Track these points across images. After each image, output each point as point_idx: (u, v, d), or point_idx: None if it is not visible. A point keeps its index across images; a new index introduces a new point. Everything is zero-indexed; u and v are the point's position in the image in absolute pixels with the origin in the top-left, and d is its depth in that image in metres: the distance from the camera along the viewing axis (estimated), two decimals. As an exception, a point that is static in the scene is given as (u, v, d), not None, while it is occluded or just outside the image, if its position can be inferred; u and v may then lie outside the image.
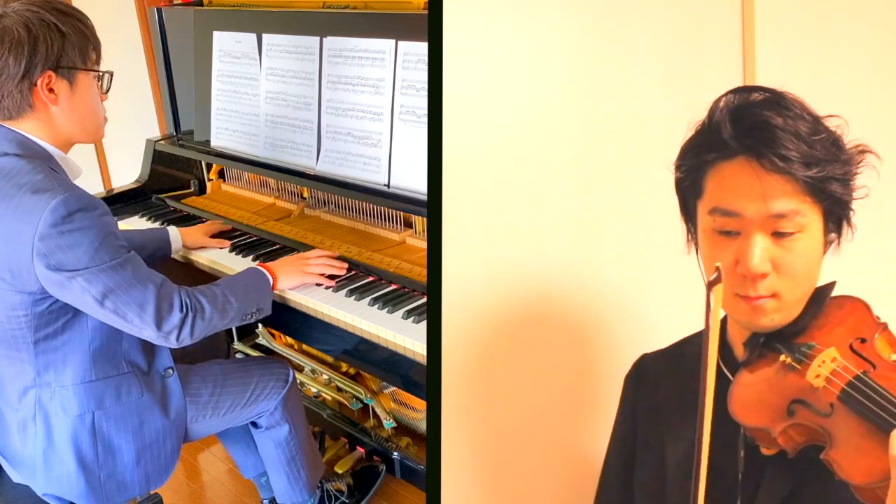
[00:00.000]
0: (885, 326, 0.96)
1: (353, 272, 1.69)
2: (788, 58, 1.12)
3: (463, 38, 1.12)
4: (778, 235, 0.95)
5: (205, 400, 1.58)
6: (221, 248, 1.86)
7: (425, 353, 1.35)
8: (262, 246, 1.85)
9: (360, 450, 2.13)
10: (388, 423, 2.09)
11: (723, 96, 0.98)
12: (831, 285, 0.99)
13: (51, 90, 1.29)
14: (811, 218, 0.96)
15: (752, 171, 0.95)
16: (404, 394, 2.07)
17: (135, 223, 2.09)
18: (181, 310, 1.35)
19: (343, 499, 1.98)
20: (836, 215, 0.97)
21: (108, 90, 1.41)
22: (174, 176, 2.28)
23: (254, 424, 1.73)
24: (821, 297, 0.99)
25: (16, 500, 1.52)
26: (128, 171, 2.42)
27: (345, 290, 1.62)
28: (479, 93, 1.15)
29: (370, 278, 1.67)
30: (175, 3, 2.41)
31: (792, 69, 1.11)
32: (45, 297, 1.30)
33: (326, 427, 2.22)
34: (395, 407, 2.12)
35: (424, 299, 1.55)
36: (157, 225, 2.06)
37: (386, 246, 1.78)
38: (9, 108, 1.28)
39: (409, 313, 1.51)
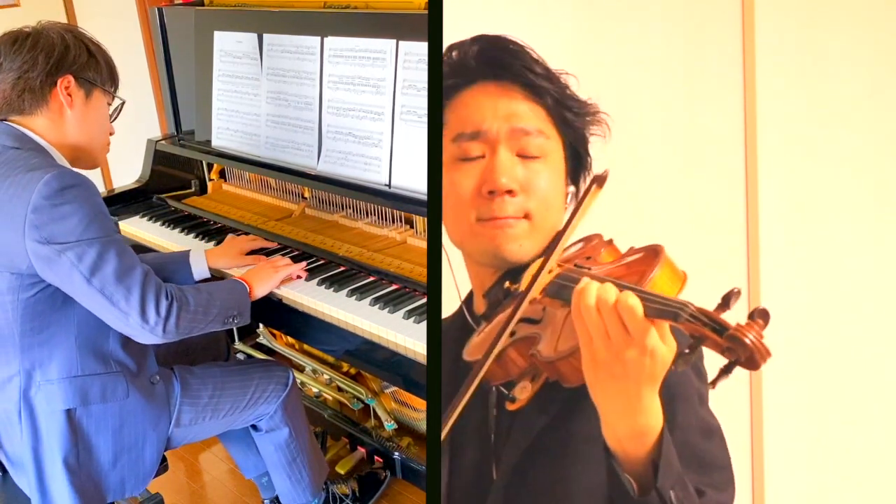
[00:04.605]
0: (610, 241, 0.97)
1: (355, 272, 1.69)
2: (788, 56, 1.12)
3: (463, 38, 1.12)
4: (524, 157, 0.95)
5: (204, 402, 1.58)
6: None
7: (426, 354, 1.35)
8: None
9: (361, 450, 2.13)
10: (390, 425, 2.09)
11: (454, 46, 1.00)
12: (567, 224, 0.98)
13: (68, 94, 1.36)
14: (554, 144, 0.97)
15: (494, 90, 0.96)
16: (405, 394, 2.07)
17: (136, 223, 2.09)
18: (166, 297, 1.33)
19: (347, 502, 1.99)
20: (574, 151, 0.98)
21: (115, 119, 1.49)
22: (175, 176, 2.28)
23: (254, 427, 1.73)
24: (556, 238, 0.97)
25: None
26: (129, 171, 2.42)
27: (346, 290, 1.62)
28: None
29: (371, 278, 1.66)
30: (176, 2, 2.42)
31: (792, 68, 1.11)
32: (33, 283, 1.31)
33: (327, 427, 2.22)
34: (395, 407, 2.12)
35: (425, 299, 1.54)
36: (157, 225, 2.07)
37: (387, 246, 1.78)
38: (26, 102, 1.35)
39: (409, 313, 1.51)
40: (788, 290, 1.12)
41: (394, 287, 1.62)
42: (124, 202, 2.21)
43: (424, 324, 1.46)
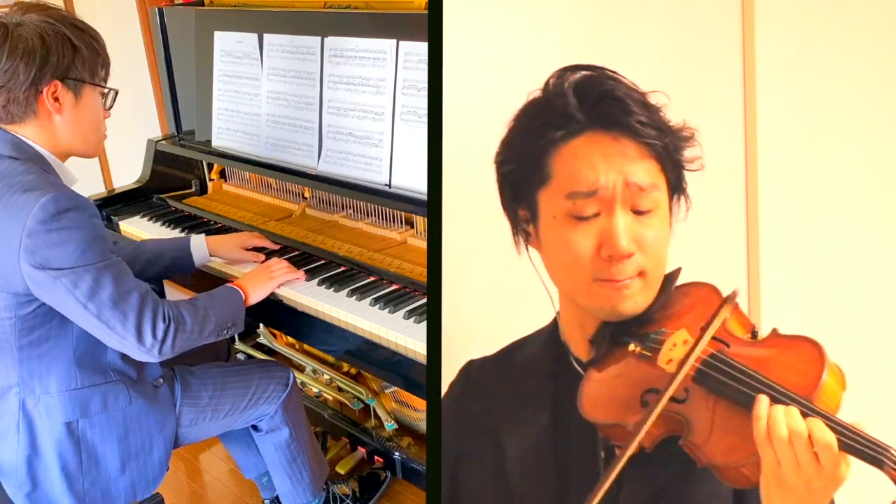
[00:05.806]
0: (735, 306, 0.94)
1: (355, 272, 1.69)
2: (788, 56, 1.12)
3: (463, 38, 1.12)
4: (638, 213, 0.93)
5: (204, 403, 1.58)
6: (256, 262, 1.75)
7: (426, 354, 1.35)
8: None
9: (362, 450, 2.13)
10: (390, 426, 2.09)
11: (553, 75, 0.96)
12: (677, 271, 0.97)
13: (56, 99, 1.31)
14: (663, 194, 0.95)
15: (606, 142, 0.93)
16: (405, 394, 2.07)
17: (136, 223, 2.09)
18: (164, 320, 1.32)
19: (348, 502, 1.99)
20: (676, 187, 0.96)
21: (110, 107, 1.42)
22: (175, 176, 2.28)
23: (255, 427, 1.73)
24: (668, 284, 0.96)
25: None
26: (129, 171, 2.42)
27: (346, 290, 1.62)
28: (479, 92, 1.15)
29: (371, 278, 1.66)
30: (176, 2, 2.42)
31: (792, 67, 1.11)
32: (30, 300, 1.29)
33: (328, 427, 2.22)
34: (396, 407, 2.12)
35: (425, 299, 1.54)
36: (157, 225, 2.07)
37: (387, 246, 1.78)
38: (13, 113, 1.30)
39: (410, 313, 1.51)
40: (788, 288, 1.12)
41: (394, 287, 1.62)
42: (124, 202, 2.21)
43: (424, 324, 1.46)
